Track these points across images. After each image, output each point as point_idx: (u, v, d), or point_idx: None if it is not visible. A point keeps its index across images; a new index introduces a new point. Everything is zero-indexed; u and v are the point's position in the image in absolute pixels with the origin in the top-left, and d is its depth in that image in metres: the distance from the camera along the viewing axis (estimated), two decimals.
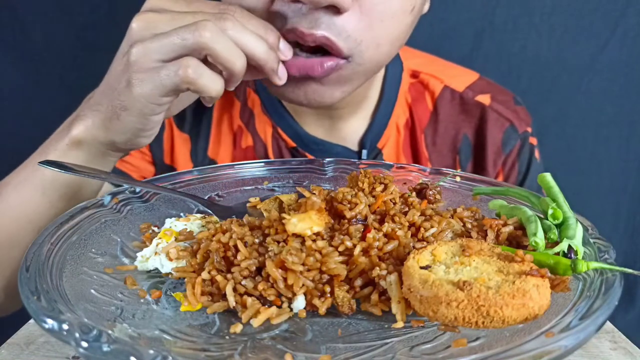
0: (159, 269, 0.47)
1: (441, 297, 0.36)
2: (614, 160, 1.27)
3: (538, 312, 0.35)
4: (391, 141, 0.83)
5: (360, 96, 0.79)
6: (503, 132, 0.83)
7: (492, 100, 0.84)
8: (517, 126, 0.84)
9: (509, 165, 0.84)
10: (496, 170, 0.84)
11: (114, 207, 0.53)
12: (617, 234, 1.30)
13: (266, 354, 0.36)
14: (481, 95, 0.84)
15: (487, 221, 0.47)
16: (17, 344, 0.44)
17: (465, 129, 0.84)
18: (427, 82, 0.84)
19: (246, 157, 0.84)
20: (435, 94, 0.84)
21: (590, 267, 0.40)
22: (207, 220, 0.53)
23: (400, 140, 0.84)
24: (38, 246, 0.42)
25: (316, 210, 0.46)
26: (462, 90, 0.84)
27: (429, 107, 0.84)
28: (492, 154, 0.83)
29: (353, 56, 0.59)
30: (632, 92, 1.22)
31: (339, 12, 0.56)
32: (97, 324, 0.33)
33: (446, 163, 0.84)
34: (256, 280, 0.43)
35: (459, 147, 0.84)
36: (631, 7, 1.14)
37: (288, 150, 0.83)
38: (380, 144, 0.83)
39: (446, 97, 0.84)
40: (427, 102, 0.84)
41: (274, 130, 0.83)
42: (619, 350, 0.45)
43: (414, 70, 0.85)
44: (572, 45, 1.18)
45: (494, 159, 0.83)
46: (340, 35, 0.57)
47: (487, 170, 0.83)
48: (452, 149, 0.84)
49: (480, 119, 0.83)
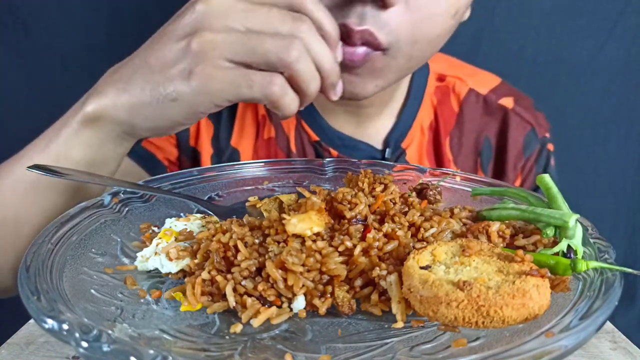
0: (159, 269, 0.47)
1: (441, 297, 0.36)
2: (612, 159, 1.27)
3: (538, 312, 0.35)
4: (415, 142, 0.84)
5: (388, 96, 0.80)
6: (524, 135, 0.85)
7: (514, 104, 0.85)
8: (537, 131, 0.86)
9: (527, 169, 0.85)
10: (515, 173, 0.85)
11: (114, 207, 0.53)
12: (617, 234, 1.30)
13: (266, 354, 0.36)
14: (504, 99, 0.86)
15: (476, 226, 0.46)
16: (17, 344, 0.44)
17: (487, 132, 0.85)
18: (453, 84, 0.86)
19: (268, 149, 0.84)
20: (461, 96, 0.86)
21: (589, 267, 0.40)
22: (207, 220, 0.53)
23: (424, 141, 0.85)
24: (38, 246, 0.42)
25: (316, 210, 0.46)
26: (486, 93, 0.86)
27: (455, 109, 0.85)
28: (512, 157, 0.84)
29: (390, 49, 0.60)
30: (630, 92, 1.22)
31: (385, 6, 0.56)
32: (97, 324, 0.33)
33: (468, 165, 0.85)
34: (256, 280, 0.43)
35: (481, 150, 0.85)
36: (629, 7, 1.14)
37: (311, 144, 0.83)
38: (404, 144, 0.84)
39: (471, 100, 0.86)
40: (452, 104, 0.86)
41: (298, 123, 0.83)
42: (619, 350, 0.45)
43: (440, 73, 0.87)
44: (570, 45, 1.18)
45: (515, 162, 0.85)
46: (383, 29, 0.58)
47: (506, 173, 0.85)
48: (474, 151, 0.86)
49: (502, 122, 0.85)
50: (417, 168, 0.66)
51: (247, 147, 0.85)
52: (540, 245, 0.45)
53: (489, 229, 0.46)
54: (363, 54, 0.59)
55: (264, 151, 0.84)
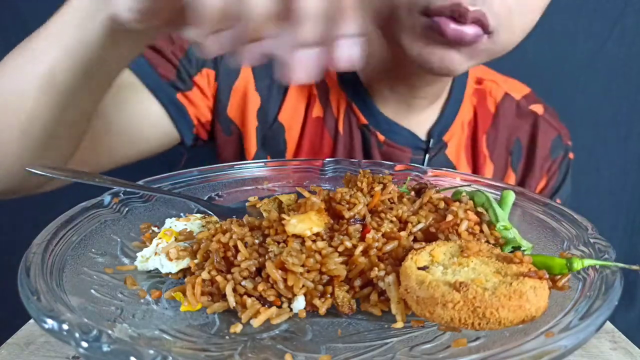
0: (159, 269, 0.47)
1: (437, 298, 0.36)
2: (612, 159, 1.27)
3: (535, 313, 0.35)
4: (455, 137, 0.88)
5: (440, 91, 0.85)
6: (552, 140, 0.91)
7: (544, 111, 0.92)
8: (563, 137, 0.92)
9: (552, 171, 0.92)
10: (542, 173, 0.91)
11: (114, 207, 0.53)
12: (617, 233, 1.30)
13: (266, 354, 0.36)
14: (534, 105, 0.93)
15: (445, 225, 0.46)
16: (17, 344, 0.44)
17: (518, 133, 0.91)
18: (490, 88, 0.92)
19: (316, 128, 0.85)
20: (497, 99, 0.91)
21: (584, 265, 0.40)
22: (207, 220, 0.53)
23: (463, 137, 0.89)
24: (38, 246, 0.42)
25: (316, 210, 0.46)
26: (519, 99, 0.93)
27: (491, 110, 0.91)
28: (540, 159, 0.90)
29: (494, 33, 0.64)
30: (630, 92, 1.22)
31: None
32: (97, 324, 0.33)
33: (501, 162, 0.90)
34: (256, 280, 0.43)
35: (511, 149, 0.91)
36: (629, 7, 1.14)
37: (358, 127, 0.85)
38: (446, 137, 0.87)
39: (506, 103, 0.91)
40: (489, 106, 0.91)
41: (348, 106, 0.84)
42: (619, 350, 0.45)
43: (478, 77, 0.92)
44: (570, 45, 1.18)
45: (542, 163, 0.91)
46: (491, 11, 0.62)
47: (534, 172, 0.90)
48: (505, 150, 0.91)
49: (533, 126, 0.91)
50: (418, 168, 0.66)
51: (295, 124, 0.85)
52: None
53: (458, 228, 0.46)
54: (474, 35, 0.62)
55: (311, 129, 0.85)
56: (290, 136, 0.85)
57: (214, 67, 0.82)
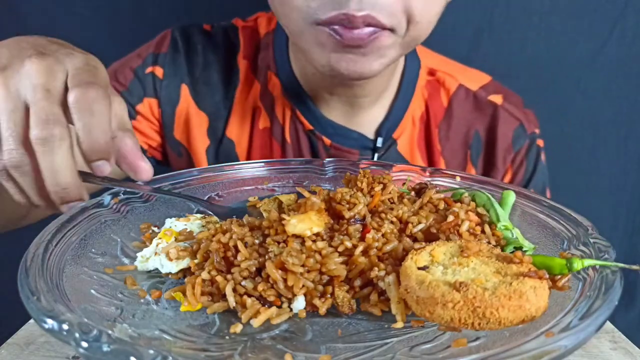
0: (159, 269, 0.47)
1: (437, 298, 0.36)
2: (612, 159, 1.27)
3: (535, 313, 0.35)
4: (406, 133, 0.86)
5: (382, 86, 0.83)
6: (513, 130, 0.87)
7: (503, 101, 0.88)
8: (526, 126, 0.88)
9: (517, 163, 0.88)
10: (505, 166, 0.88)
11: (114, 207, 0.53)
12: (616, 233, 1.30)
13: (266, 354, 0.36)
14: (494, 95, 0.89)
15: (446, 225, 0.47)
16: (17, 344, 0.44)
17: (476, 126, 0.88)
18: (443, 80, 0.88)
19: (263, 139, 0.85)
20: (450, 91, 0.88)
21: (584, 265, 0.40)
22: (207, 220, 0.53)
23: (415, 132, 0.87)
24: (38, 246, 0.42)
25: (316, 210, 0.46)
26: (476, 89, 0.89)
27: (444, 103, 0.88)
28: (501, 151, 0.87)
29: (394, 29, 0.64)
30: (630, 92, 1.22)
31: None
32: (97, 324, 0.33)
33: (458, 157, 0.88)
34: (256, 280, 0.43)
35: (470, 143, 0.88)
36: (630, 7, 1.14)
37: (305, 133, 0.85)
38: (395, 134, 0.86)
39: (460, 95, 0.88)
40: (442, 98, 0.88)
41: (293, 113, 0.84)
42: (619, 350, 0.45)
43: (430, 68, 0.89)
44: (570, 45, 1.18)
45: (504, 155, 0.87)
46: (382, 13, 0.62)
47: (496, 165, 0.87)
48: (463, 145, 0.88)
49: (492, 117, 0.88)
50: (419, 168, 0.66)
51: (243, 138, 0.86)
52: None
53: (459, 229, 0.46)
54: (369, 32, 0.63)
55: (259, 141, 0.85)
56: (240, 149, 0.85)
57: (155, 96, 0.84)
